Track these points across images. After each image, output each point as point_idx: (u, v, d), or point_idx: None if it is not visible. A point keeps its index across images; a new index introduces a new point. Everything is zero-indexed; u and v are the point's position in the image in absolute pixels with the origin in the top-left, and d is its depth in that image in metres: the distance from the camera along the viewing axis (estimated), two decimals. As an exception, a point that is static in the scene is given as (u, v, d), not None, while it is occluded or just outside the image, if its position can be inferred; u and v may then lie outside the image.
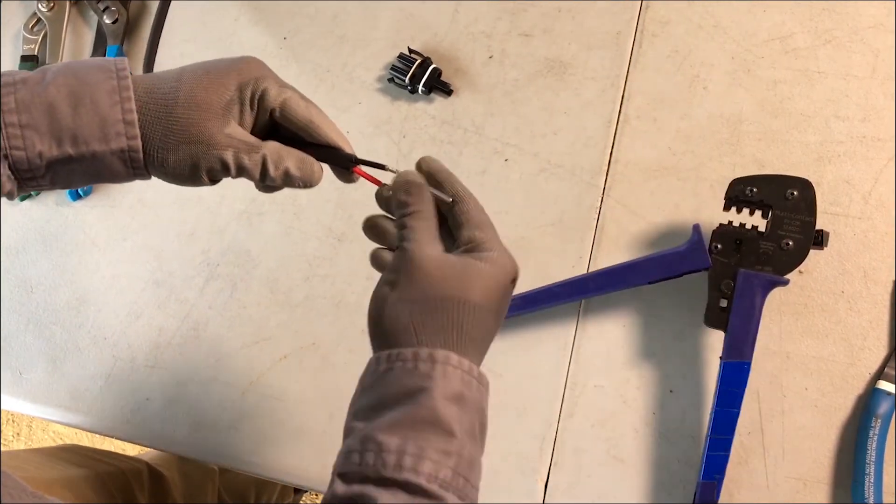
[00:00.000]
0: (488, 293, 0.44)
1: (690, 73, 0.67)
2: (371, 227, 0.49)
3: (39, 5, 0.77)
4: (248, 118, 0.47)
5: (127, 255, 0.72)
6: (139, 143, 0.45)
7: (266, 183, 0.48)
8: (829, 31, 0.65)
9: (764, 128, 0.65)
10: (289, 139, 0.48)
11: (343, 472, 0.41)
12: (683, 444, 0.62)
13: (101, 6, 0.76)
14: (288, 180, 0.47)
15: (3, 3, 0.79)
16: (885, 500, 0.58)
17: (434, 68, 0.69)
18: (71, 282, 0.73)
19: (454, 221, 0.47)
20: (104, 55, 0.75)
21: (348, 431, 0.42)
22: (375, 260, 0.49)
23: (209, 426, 0.68)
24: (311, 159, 0.48)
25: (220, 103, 0.45)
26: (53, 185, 0.46)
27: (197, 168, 0.46)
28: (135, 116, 0.44)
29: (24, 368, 0.72)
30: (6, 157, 0.43)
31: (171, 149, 0.45)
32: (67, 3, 0.77)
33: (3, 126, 0.43)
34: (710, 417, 0.58)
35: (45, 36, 0.77)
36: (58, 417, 0.71)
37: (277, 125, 0.48)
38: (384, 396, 0.42)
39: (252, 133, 0.47)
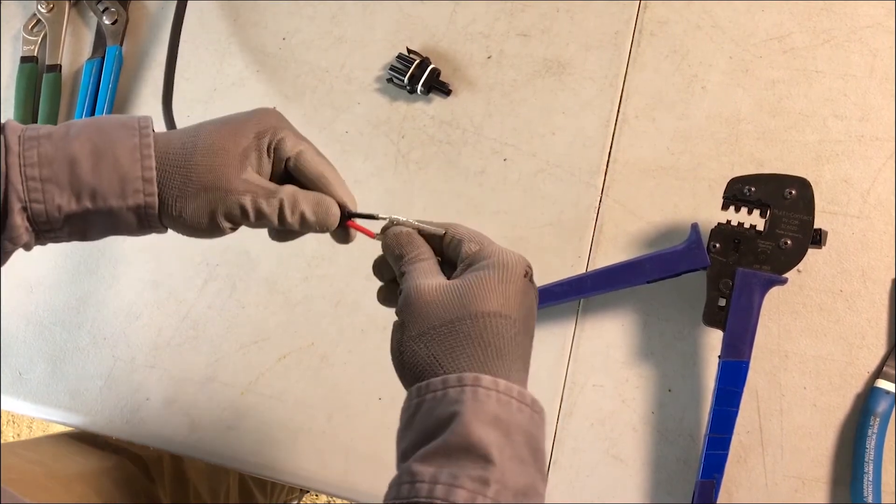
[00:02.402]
0: (504, 300, 0.42)
1: (689, 73, 0.67)
2: (378, 268, 0.50)
3: (39, 6, 0.77)
4: (266, 166, 0.47)
5: (126, 256, 0.72)
6: (156, 199, 0.45)
7: (284, 227, 0.48)
8: (828, 31, 0.65)
9: (762, 127, 0.65)
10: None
11: None
12: (682, 444, 0.62)
13: (101, 7, 0.76)
14: (304, 224, 0.47)
15: (2, 4, 0.79)
16: (883, 499, 0.58)
17: (433, 68, 0.69)
18: (70, 282, 0.73)
19: (451, 252, 0.47)
20: (104, 56, 0.75)
21: (397, 473, 0.41)
22: (381, 295, 0.50)
23: (208, 426, 0.68)
24: (327, 201, 0.48)
25: (238, 150, 0.46)
26: (70, 237, 0.47)
27: (215, 214, 0.46)
28: (154, 174, 0.45)
29: (24, 369, 0.72)
30: (25, 209, 0.44)
31: (190, 196, 0.45)
32: (67, 3, 0.77)
33: (24, 179, 0.43)
34: (709, 416, 0.58)
35: (44, 37, 0.77)
36: (58, 418, 0.71)
37: (290, 175, 0.49)
38: (421, 431, 0.40)
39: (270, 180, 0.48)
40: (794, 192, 0.57)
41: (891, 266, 0.61)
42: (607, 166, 0.67)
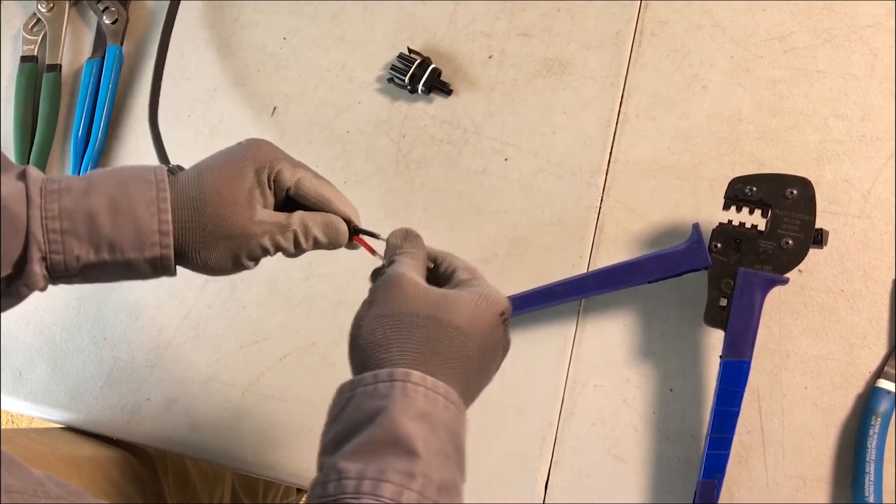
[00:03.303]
0: (471, 320, 0.43)
1: (690, 73, 0.67)
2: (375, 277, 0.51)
3: (39, 6, 0.77)
4: (270, 199, 0.50)
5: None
6: (171, 250, 0.47)
7: (300, 253, 0.50)
8: (828, 31, 0.65)
9: (763, 127, 0.65)
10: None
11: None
12: (683, 443, 0.62)
13: (101, 6, 0.76)
14: (317, 246, 0.50)
15: (2, 3, 0.79)
16: (885, 499, 0.58)
17: (433, 68, 0.69)
18: (71, 282, 0.73)
19: (444, 279, 0.48)
20: (104, 56, 0.75)
21: (318, 468, 0.41)
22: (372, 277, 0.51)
23: (209, 426, 0.68)
24: (335, 221, 0.50)
25: (244, 193, 0.48)
26: (83, 281, 0.48)
27: (238, 258, 0.49)
28: (170, 227, 0.47)
29: (24, 369, 0.72)
30: (44, 259, 0.46)
31: (211, 247, 0.48)
32: (67, 3, 0.77)
33: (45, 232, 0.45)
34: (710, 416, 0.58)
35: (44, 36, 0.77)
36: (58, 417, 0.71)
37: (291, 198, 0.51)
38: (347, 425, 0.41)
39: (275, 208, 0.50)
40: (795, 191, 0.57)
41: (892, 266, 0.61)
42: (608, 166, 0.67)
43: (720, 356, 0.58)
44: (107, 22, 0.76)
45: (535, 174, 0.68)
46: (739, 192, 0.58)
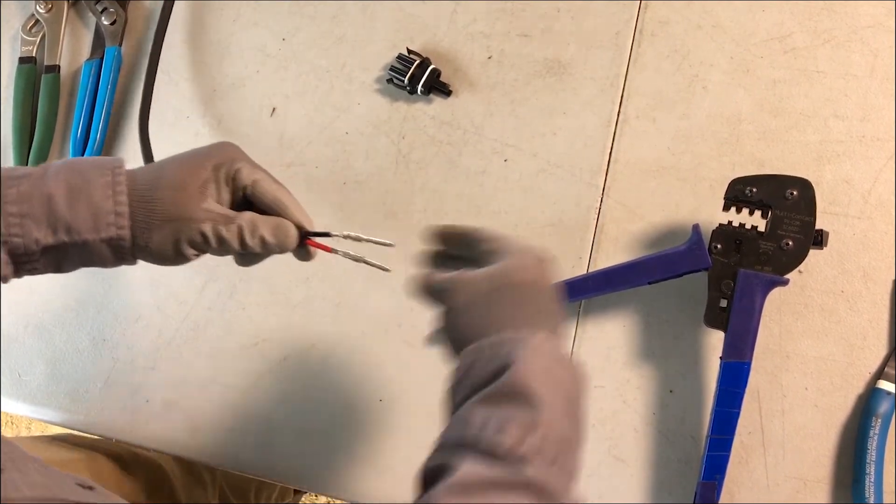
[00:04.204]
0: (523, 272, 0.47)
1: (690, 73, 0.67)
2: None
3: (37, 7, 0.76)
4: (225, 195, 0.51)
5: (126, 257, 0.72)
6: (127, 232, 0.49)
7: (245, 251, 0.51)
8: (828, 31, 0.65)
9: (763, 127, 0.65)
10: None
11: (432, 450, 0.43)
12: (684, 444, 0.62)
13: (100, 7, 0.75)
14: (265, 246, 0.51)
15: (1, 4, 0.79)
16: (885, 500, 0.58)
17: (433, 69, 0.69)
18: (70, 284, 0.73)
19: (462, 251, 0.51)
20: (102, 57, 0.75)
21: (448, 422, 0.44)
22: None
23: (209, 428, 0.68)
24: (286, 224, 0.51)
25: (198, 183, 0.49)
26: (46, 268, 0.50)
27: (179, 243, 0.49)
28: (125, 209, 0.48)
29: (24, 370, 0.72)
30: (5, 243, 0.47)
31: (155, 228, 0.49)
32: (65, 4, 0.77)
33: (3, 216, 0.47)
34: (711, 417, 0.58)
35: (43, 37, 0.77)
36: (57, 419, 0.71)
37: (250, 203, 0.52)
38: (473, 386, 0.43)
39: (231, 208, 0.51)
40: (795, 192, 0.57)
41: (892, 266, 0.61)
42: (608, 166, 0.67)
43: (720, 357, 0.58)
44: (105, 23, 0.75)
45: (535, 175, 0.67)
46: (739, 193, 0.58)
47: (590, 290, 0.62)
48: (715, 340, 0.62)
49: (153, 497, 0.76)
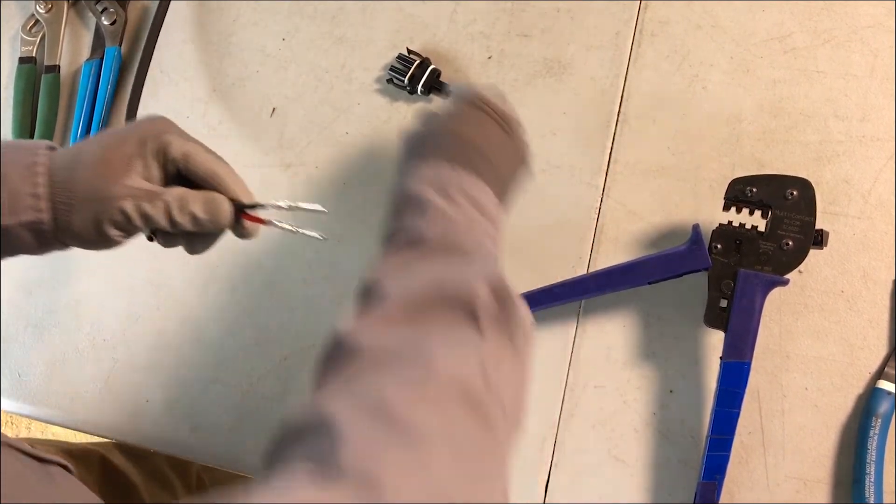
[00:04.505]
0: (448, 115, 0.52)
1: (689, 73, 0.67)
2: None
3: (37, 7, 0.76)
4: (155, 172, 0.48)
5: (126, 257, 0.72)
6: (46, 215, 0.46)
7: (176, 229, 0.48)
8: (828, 31, 0.65)
9: (763, 127, 0.65)
10: None
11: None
12: (684, 445, 0.62)
13: (100, 7, 0.75)
14: (197, 223, 0.48)
15: (1, 4, 0.79)
16: (885, 500, 0.58)
17: (433, 69, 0.69)
18: (70, 284, 0.73)
19: None
20: (102, 57, 0.75)
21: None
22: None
23: (209, 428, 0.68)
24: (218, 198, 0.48)
25: (121, 159, 0.47)
26: None
27: (100, 223, 0.47)
28: (43, 190, 0.46)
29: (24, 370, 0.72)
30: None
31: (76, 209, 0.46)
32: (65, 4, 0.77)
33: None
34: (711, 417, 0.58)
35: (42, 37, 0.77)
36: (57, 419, 0.71)
37: (186, 180, 0.49)
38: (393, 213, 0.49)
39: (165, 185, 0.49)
40: (795, 192, 0.57)
41: (892, 267, 0.61)
42: (608, 167, 0.67)
43: (720, 357, 0.58)
44: (105, 23, 0.75)
45: (535, 175, 0.67)
46: (739, 193, 0.58)
47: (590, 290, 0.62)
48: (715, 340, 0.62)
49: (107, 491, 0.75)
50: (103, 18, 0.75)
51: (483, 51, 0.70)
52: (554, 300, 0.62)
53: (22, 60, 0.76)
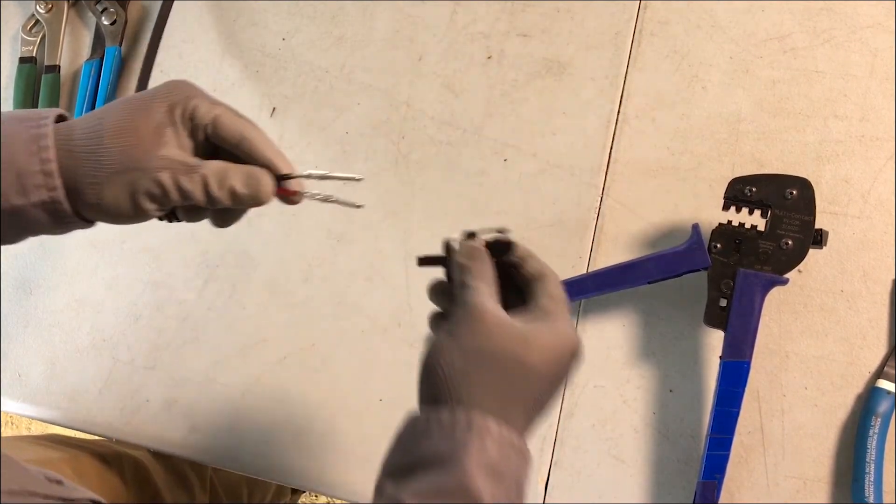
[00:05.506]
0: (546, 359, 0.42)
1: (689, 73, 0.67)
2: (437, 292, 0.48)
3: (37, 6, 0.77)
4: (185, 140, 0.45)
5: (126, 257, 0.72)
6: (60, 193, 0.43)
7: (213, 205, 0.45)
8: (828, 31, 0.65)
9: (763, 127, 0.65)
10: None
11: None
12: (683, 444, 0.62)
13: (100, 7, 0.75)
14: (235, 198, 0.45)
15: (1, 4, 0.79)
16: (885, 500, 0.58)
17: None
18: (70, 283, 0.73)
19: (530, 291, 0.46)
20: (102, 57, 0.75)
21: (378, 488, 0.41)
22: (434, 322, 0.48)
23: (208, 427, 0.68)
24: (259, 172, 0.45)
25: (151, 126, 0.43)
26: None
27: (135, 195, 0.43)
28: (53, 166, 0.42)
29: (24, 370, 0.72)
30: None
31: (105, 182, 0.43)
32: (65, 4, 0.77)
33: None
34: (710, 417, 0.58)
35: (43, 37, 0.77)
36: (57, 419, 0.71)
37: (220, 151, 0.46)
38: (417, 457, 0.40)
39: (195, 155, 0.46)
40: (794, 192, 0.57)
41: (891, 266, 0.61)
42: (608, 166, 0.67)
43: (720, 357, 0.58)
44: (105, 23, 0.75)
45: (535, 175, 0.67)
46: (739, 193, 0.58)
47: (590, 290, 0.62)
48: (715, 340, 0.62)
49: (136, 494, 0.76)
50: (103, 18, 0.75)
51: (483, 51, 0.70)
52: (554, 300, 0.62)
53: (22, 60, 0.76)
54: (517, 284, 0.47)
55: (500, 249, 0.47)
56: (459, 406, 0.40)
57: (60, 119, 0.46)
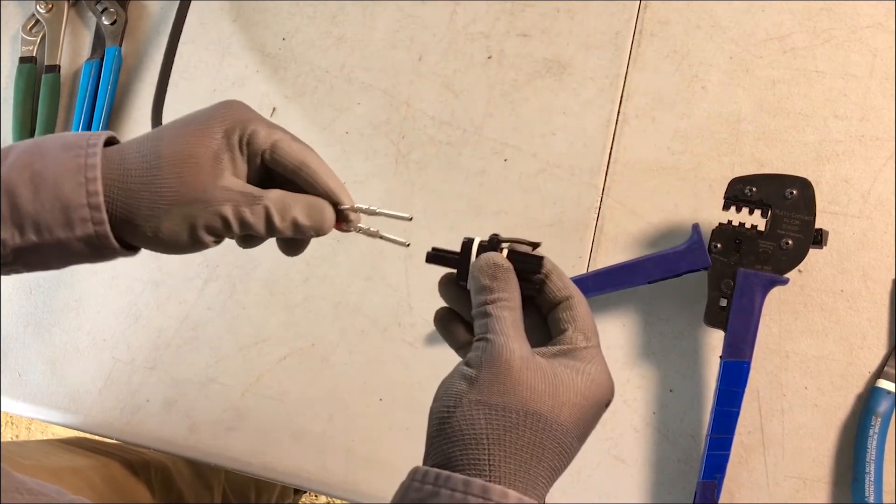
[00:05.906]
0: (579, 414, 0.38)
1: (689, 73, 0.67)
2: (444, 322, 0.44)
3: (37, 6, 0.77)
4: (242, 166, 0.43)
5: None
6: (106, 227, 0.41)
7: (273, 235, 0.44)
8: (828, 31, 0.65)
9: (763, 127, 0.65)
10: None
11: None
12: (683, 444, 0.62)
13: (100, 7, 0.75)
14: (297, 230, 0.43)
15: (1, 4, 0.79)
16: (885, 499, 0.58)
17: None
18: (70, 283, 0.73)
19: (555, 319, 0.41)
20: (103, 57, 0.75)
21: None
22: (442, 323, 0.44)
23: (208, 427, 0.68)
24: (321, 204, 0.43)
25: (209, 154, 0.41)
26: (29, 269, 0.43)
27: (195, 229, 0.41)
28: (101, 199, 0.40)
29: (24, 370, 0.72)
30: None
31: (164, 215, 0.41)
32: (66, 4, 0.77)
33: None
34: (710, 417, 0.58)
35: (43, 37, 0.77)
36: (57, 419, 0.71)
37: (273, 174, 0.44)
38: None
39: (249, 181, 0.44)
40: (795, 192, 0.57)
41: (891, 266, 0.61)
42: (608, 166, 0.67)
43: (720, 356, 0.58)
44: (106, 23, 0.75)
45: (535, 175, 0.67)
46: (739, 193, 0.58)
47: (590, 290, 0.62)
48: (715, 340, 0.62)
49: (161, 501, 0.76)
50: (103, 18, 0.75)
51: (483, 50, 0.70)
52: (554, 300, 0.62)
53: (22, 60, 0.76)
54: (536, 303, 0.43)
55: (527, 265, 0.41)
56: (477, 475, 0.36)
57: (110, 142, 0.44)
